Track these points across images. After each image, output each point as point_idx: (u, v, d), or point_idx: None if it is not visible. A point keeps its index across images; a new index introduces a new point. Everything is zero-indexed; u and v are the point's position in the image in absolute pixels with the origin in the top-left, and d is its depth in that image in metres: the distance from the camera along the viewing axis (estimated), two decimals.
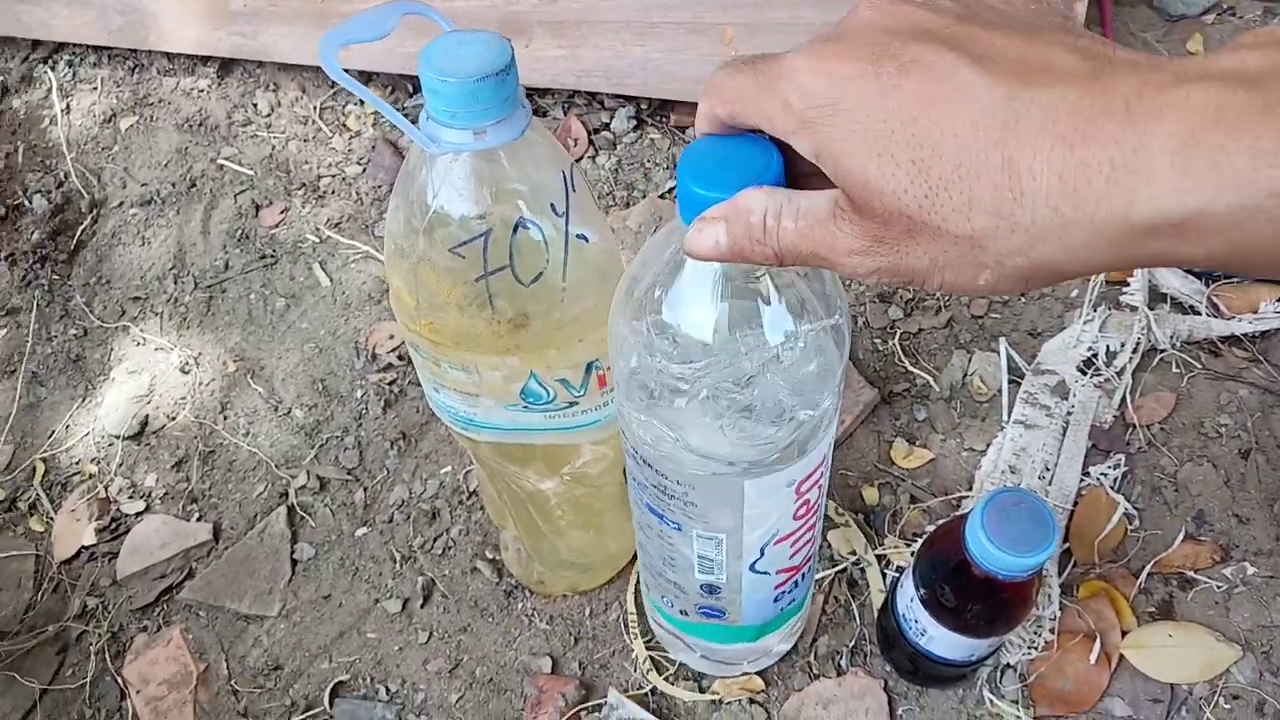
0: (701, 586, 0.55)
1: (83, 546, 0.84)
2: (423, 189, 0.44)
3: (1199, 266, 0.25)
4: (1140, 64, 0.25)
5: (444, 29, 0.43)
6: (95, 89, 1.19)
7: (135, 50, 1.19)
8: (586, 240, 0.47)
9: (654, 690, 0.69)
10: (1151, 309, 0.81)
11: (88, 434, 0.91)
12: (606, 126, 1.05)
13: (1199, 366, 0.80)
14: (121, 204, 1.08)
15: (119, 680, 0.76)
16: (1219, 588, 0.69)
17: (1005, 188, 0.25)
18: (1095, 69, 0.25)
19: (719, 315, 0.39)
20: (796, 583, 0.58)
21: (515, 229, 0.45)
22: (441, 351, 0.50)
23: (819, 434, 0.45)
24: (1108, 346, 0.80)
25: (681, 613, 0.60)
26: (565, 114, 1.06)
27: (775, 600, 0.58)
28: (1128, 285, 0.82)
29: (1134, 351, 0.80)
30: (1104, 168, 0.23)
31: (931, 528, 0.73)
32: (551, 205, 0.45)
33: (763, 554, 0.52)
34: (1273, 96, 0.22)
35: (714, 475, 0.45)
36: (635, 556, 0.75)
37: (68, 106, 1.19)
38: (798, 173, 0.33)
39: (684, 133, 1.04)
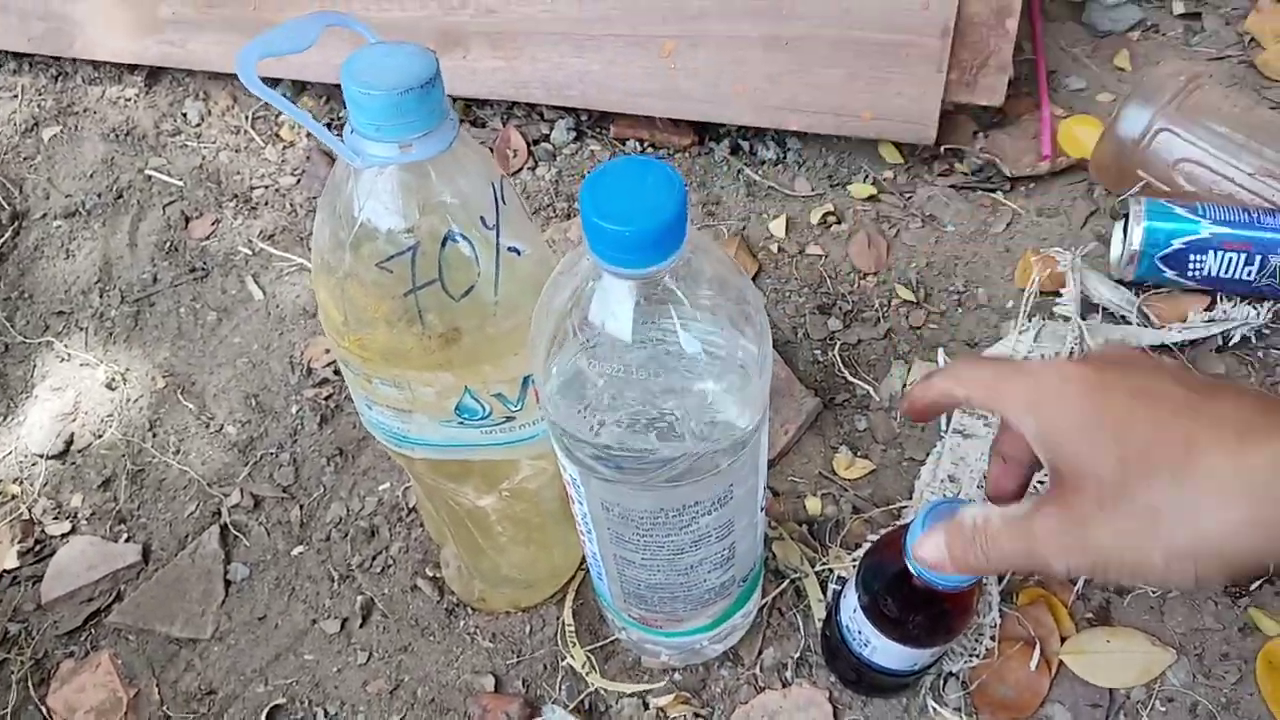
0: None
1: (4, 570, 0.80)
2: (349, 203, 0.43)
3: None
4: None
5: (369, 40, 0.42)
6: (16, 97, 1.16)
7: (59, 58, 1.16)
8: (519, 253, 0.46)
9: (595, 708, 0.69)
10: (1084, 319, 0.83)
11: (9, 453, 0.88)
12: (546, 138, 1.05)
13: None
14: (44, 215, 1.05)
15: (43, 709, 0.73)
16: (1154, 593, 0.70)
17: (1182, 462, 0.32)
18: (1262, 395, 0.34)
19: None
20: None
21: (444, 243, 0.44)
22: (372, 368, 0.49)
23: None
24: (1042, 355, 0.81)
25: None
26: (504, 125, 1.05)
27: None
28: (1060, 295, 0.84)
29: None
30: (1265, 454, 0.31)
31: (874, 538, 0.73)
32: (481, 218, 0.44)
33: None
34: None
35: None
36: (577, 571, 0.74)
37: None
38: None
39: (624, 144, 1.03)
